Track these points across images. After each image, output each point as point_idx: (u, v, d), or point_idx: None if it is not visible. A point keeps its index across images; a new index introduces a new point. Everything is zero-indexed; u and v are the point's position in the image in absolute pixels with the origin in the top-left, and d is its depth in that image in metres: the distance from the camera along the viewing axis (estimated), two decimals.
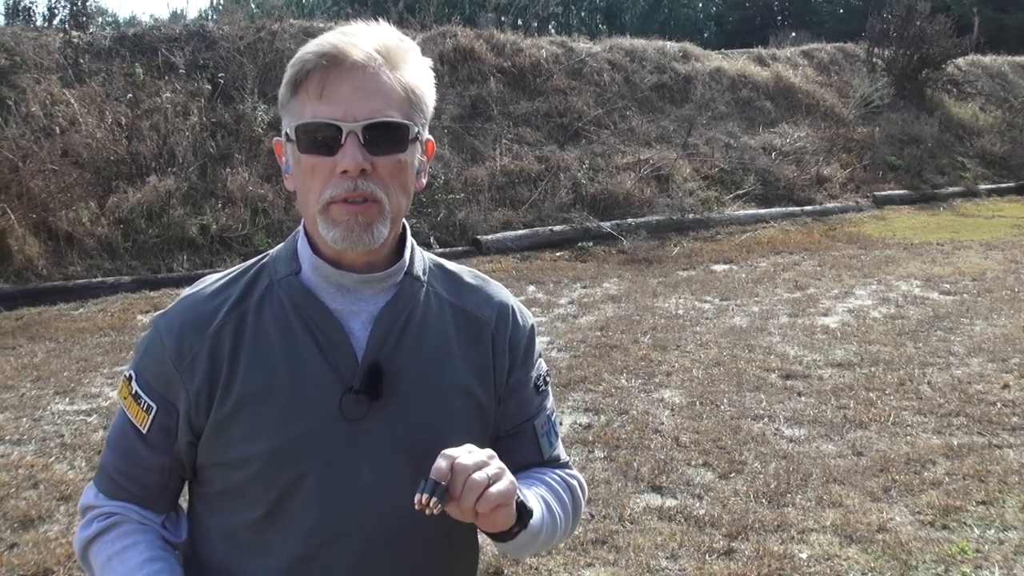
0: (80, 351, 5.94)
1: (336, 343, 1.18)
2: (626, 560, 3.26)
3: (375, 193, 1.12)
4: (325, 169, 1.12)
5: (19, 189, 7.84)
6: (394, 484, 1.16)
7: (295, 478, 1.16)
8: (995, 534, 3.43)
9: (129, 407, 1.21)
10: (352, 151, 1.10)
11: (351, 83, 1.10)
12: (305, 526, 1.17)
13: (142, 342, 1.23)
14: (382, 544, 1.19)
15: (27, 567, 3.23)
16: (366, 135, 1.10)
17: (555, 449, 1.34)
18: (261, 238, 8.67)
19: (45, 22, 11.88)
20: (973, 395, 4.95)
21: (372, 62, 1.11)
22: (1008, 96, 16.35)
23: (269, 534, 1.18)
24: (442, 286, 1.28)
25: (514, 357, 1.29)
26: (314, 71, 1.11)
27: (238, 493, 1.19)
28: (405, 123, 1.13)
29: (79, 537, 1.24)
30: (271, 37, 10.73)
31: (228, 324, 1.18)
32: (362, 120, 1.10)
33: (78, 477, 3.99)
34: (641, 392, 5.09)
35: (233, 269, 1.27)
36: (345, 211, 1.12)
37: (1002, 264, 8.53)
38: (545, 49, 12.71)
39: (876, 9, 16.12)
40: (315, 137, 1.12)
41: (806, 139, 12.85)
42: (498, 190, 10.09)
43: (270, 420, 1.16)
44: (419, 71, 1.17)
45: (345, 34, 1.13)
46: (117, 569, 1.17)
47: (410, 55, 1.16)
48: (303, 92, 1.13)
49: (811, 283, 7.83)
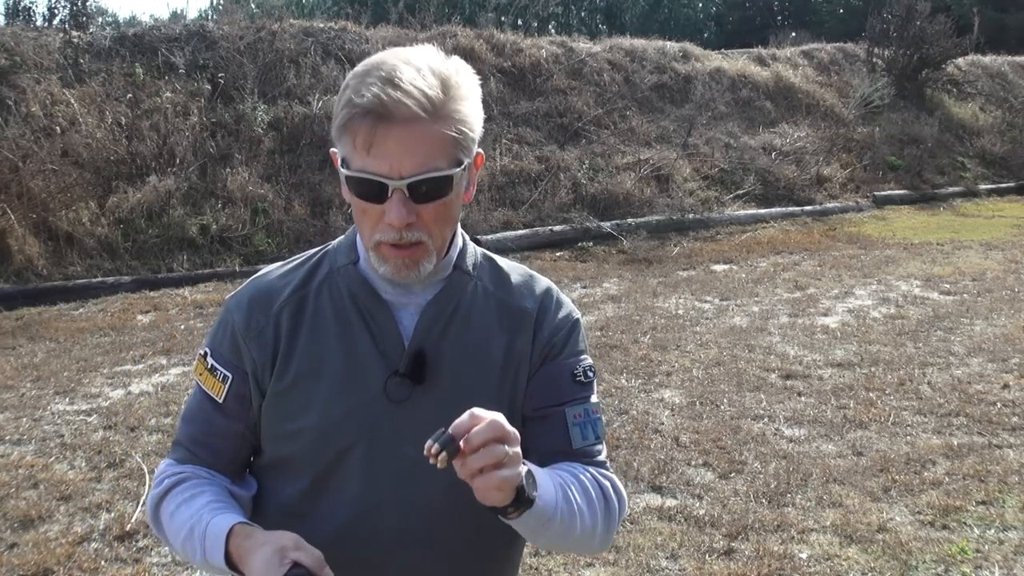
0: (80, 351, 5.94)
1: (386, 330, 1.26)
2: (626, 560, 3.26)
3: (420, 238, 1.19)
4: (375, 214, 1.18)
5: (19, 189, 7.84)
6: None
7: (341, 451, 1.25)
8: (995, 534, 3.43)
9: (205, 381, 1.31)
10: (398, 208, 1.15)
11: (397, 139, 1.13)
12: (349, 497, 1.26)
13: (216, 322, 1.34)
14: (421, 518, 1.26)
15: (27, 567, 3.23)
16: (411, 189, 1.15)
17: (589, 443, 1.33)
18: (261, 238, 8.67)
19: (45, 22, 11.89)
20: (973, 395, 4.95)
21: (419, 115, 1.12)
22: (1008, 96, 16.35)
23: (317, 504, 1.27)
24: (490, 280, 1.34)
25: (552, 344, 1.33)
26: (362, 123, 1.13)
27: (289, 464, 1.28)
28: (449, 174, 1.16)
29: (152, 496, 1.31)
30: (271, 37, 10.73)
31: (290, 304, 1.28)
32: (408, 177, 1.14)
33: (78, 477, 3.99)
34: (641, 392, 5.09)
35: (298, 256, 1.36)
36: (393, 253, 1.19)
37: (1002, 264, 8.53)
38: (545, 49, 12.71)
39: (876, 9, 16.13)
40: (363, 188, 1.17)
41: (806, 139, 12.85)
42: (498, 190, 10.09)
43: (321, 396, 1.25)
44: (467, 104, 1.18)
45: (393, 82, 1.12)
46: (184, 513, 1.23)
47: (460, 90, 1.17)
48: (350, 139, 1.16)
49: (811, 283, 7.83)
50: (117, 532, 3.47)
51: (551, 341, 1.33)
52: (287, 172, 9.47)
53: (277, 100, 10.10)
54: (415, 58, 1.16)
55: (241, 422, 1.30)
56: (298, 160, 9.65)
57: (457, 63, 1.20)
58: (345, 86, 1.17)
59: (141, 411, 4.79)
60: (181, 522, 1.23)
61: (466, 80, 1.19)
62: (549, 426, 1.31)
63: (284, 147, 9.73)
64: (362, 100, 1.12)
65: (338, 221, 8.91)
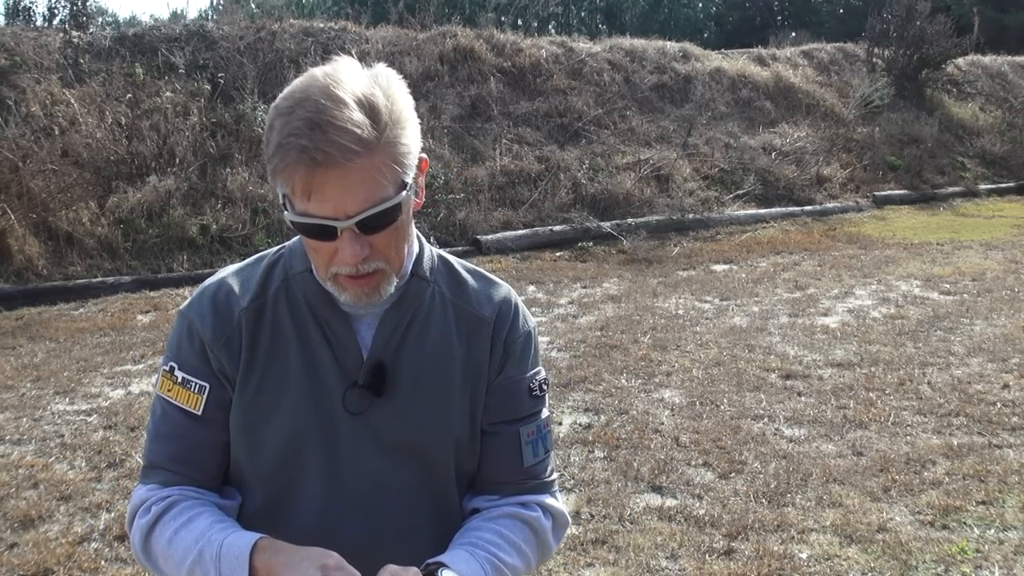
0: (80, 351, 5.94)
1: (344, 341, 1.24)
2: (626, 560, 3.26)
3: (378, 267, 1.17)
4: (327, 250, 1.15)
5: (19, 189, 7.84)
6: (393, 473, 1.25)
7: (302, 464, 1.24)
8: (995, 534, 3.43)
9: (177, 396, 1.25)
10: (351, 246, 1.12)
11: (335, 182, 1.08)
12: (312, 509, 1.24)
13: (174, 336, 1.28)
14: (385, 529, 1.25)
15: (27, 567, 3.23)
16: (360, 225, 1.12)
17: (538, 461, 1.34)
18: (261, 238, 8.66)
19: (45, 22, 11.89)
20: (973, 395, 4.95)
21: (353, 156, 1.07)
22: (1008, 96, 16.35)
23: (280, 516, 1.25)
24: (447, 286, 1.31)
25: (509, 354, 1.31)
26: (295, 171, 1.08)
27: (251, 476, 1.26)
28: (397, 201, 1.13)
29: (138, 526, 1.24)
30: (271, 37, 10.73)
31: (248, 313, 1.25)
32: (355, 216, 1.10)
33: (78, 477, 3.99)
34: (641, 392, 5.09)
35: (249, 260, 1.33)
36: (352, 284, 1.17)
37: (1002, 264, 8.53)
38: (545, 49, 12.71)
39: (876, 9, 16.12)
40: (310, 231, 1.14)
41: (806, 139, 12.84)
42: (498, 190, 10.09)
43: (281, 408, 1.23)
44: (400, 123, 1.12)
45: (321, 127, 1.06)
46: (186, 538, 1.18)
47: (391, 112, 1.11)
48: (288, 184, 1.11)
49: (811, 283, 7.83)
50: (117, 532, 3.47)
51: (508, 351, 1.31)
52: None
53: None
54: (338, 87, 1.08)
55: (223, 431, 1.26)
56: None
57: (380, 76, 1.14)
58: (270, 126, 1.11)
59: (141, 411, 4.78)
60: (186, 547, 1.17)
61: (394, 93, 1.13)
62: (502, 444, 1.31)
63: None
64: (291, 149, 1.07)
65: None
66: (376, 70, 1.15)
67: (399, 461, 1.25)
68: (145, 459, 1.29)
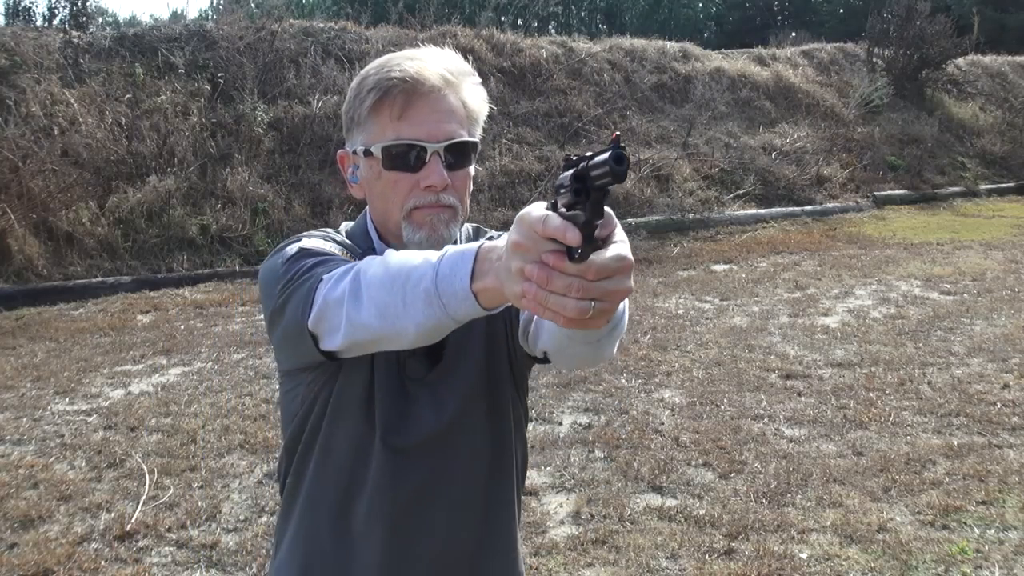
0: (80, 351, 5.94)
1: None
2: (626, 560, 3.26)
3: (453, 202, 1.25)
4: (408, 183, 1.23)
5: (19, 189, 7.84)
6: (460, 424, 1.30)
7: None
8: (995, 534, 3.43)
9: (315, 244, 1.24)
10: (438, 169, 1.22)
11: (430, 106, 1.22)
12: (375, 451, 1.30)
13: (294, 244, 1.24)
14: (450, 483, 1.31)
15: (27, 567, 3.23)
16: (446, 153, 1.23)
17: None
18: (261, 238, 8.66)
19: (45, 22, 11.90)
20: (973, 395, 4.95)
21: (445, 86, 1.24)
22: (1008, 96, 16.35)
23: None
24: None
25: None
26: (395, 97, 1.22)
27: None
28: (475, 141, 1.27)
29: (336, 278, 1.10)
30: (271, 37, 10.72)
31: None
32: (444, 141, 1.23)
33: (78, 477, 3.99)
34: (641, 392, 5.09)
35: (324, 231, 1.33)
36: (428, 212, 1.24)
37: (1002, 264, 8.53)
38: (545, 49, 12.71)
39: (876, 9, 16.13)
40: (399, 156, 1.23)
41: (806, 139, 12.84)
42: (498, 190, 10.09)
43: (356, 368, 1.26)
44: (476, 92, 1.29)
45: (415, 59, 1.24)
46: (405, 256, 1.05)
47: (469, 79, 1.28)
48: (382, 113, 1.23)
49: (811, 283, 7.83)
50: (117, 532, 3.47)
51: None
52: (287, 172, 9.47)
53: (277, 100, 10.10)
54: (426, 49, 1.27)
55: None
56: (298, 160, 9.65)
57: (469, 67, 1.31)
58: (362, 79, 1.25)
59: (141, 411, 4.78)
60: (401, 261, 1.04)
61: (475, 78, 1.30)
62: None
63: (284, 147, 9.73)
64: (391, 78, 1.21)
65: (338, 221, 8.90)
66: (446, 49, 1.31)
67: (459, 411, 1.30)
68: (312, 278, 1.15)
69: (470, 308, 0.98)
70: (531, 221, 0.88)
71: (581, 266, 0.85)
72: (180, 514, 3.63)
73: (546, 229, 0.86)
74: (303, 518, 1.33)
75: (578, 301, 0.86)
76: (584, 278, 0.86)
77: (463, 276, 0.96)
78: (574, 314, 0.86)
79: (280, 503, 1.40)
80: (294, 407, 1.31)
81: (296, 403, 1.31)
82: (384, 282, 1.03)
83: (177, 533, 3.49)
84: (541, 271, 0.87)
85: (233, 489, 3.87)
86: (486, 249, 0.97)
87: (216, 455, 4.21)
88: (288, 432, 1.33)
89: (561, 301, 0.87)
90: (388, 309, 1.02)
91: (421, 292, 0.99)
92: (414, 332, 1.02)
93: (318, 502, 1.31)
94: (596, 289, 0.87)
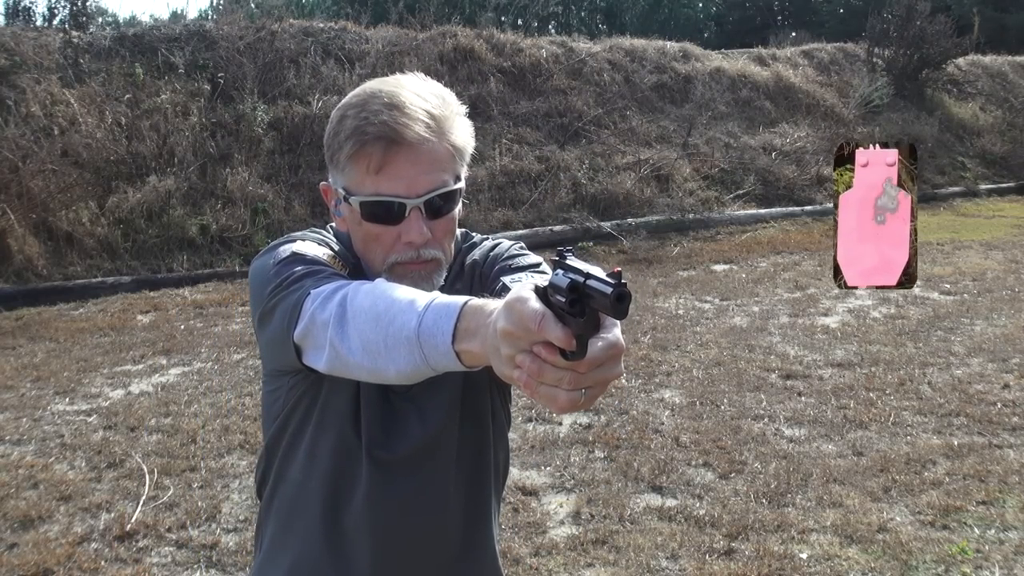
0: (80, 351, 5.94)
1: None
2: (626, 560, 3.26)
3: (435, 255, 1.23)
4: (389, 237, 1.21)
5: (19, 189, 7.84)
6: (445, 435, 1.29)
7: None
8: (995, 534, 3.43)
9: (310, 251, 1.24)
10: (417, 225, 1.19)
11: (409, 160, 1.18)
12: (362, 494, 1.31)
13: (288, 244, 1.27)
14: (426, 513, 1.32)
15: (27, 567, 3.23)
16: (426, 206, 1.20)
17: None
18: (261, 238, 8.66)
19: (45, 22, 11.89)
20: (973, 395, 4.95)
21: (426, 133, 1.18)
22: (1008, 96, 16.34)
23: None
24: (467, 255, 1.38)
25: (491, 265, 1.32)
26: (373, 149, 1.17)
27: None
28: (457, 188, 1.23)
29: (326, 295, 1.10)
30: (271, 37, 10.72)
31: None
32: (424, 195, 1.19)
33: (78, 477, 3.99)
34: (641, 392, 5.09)
35: (317, 233, 1.34)
36: (410, 269, 1.22)
37: (1002, 264, 8.53)
38: (545, 49, 12.70)
39: (876, 9, 16.12)
40: (378, 211, 1.20)
41: (806, 139, 12.84)
42: (498, 190, 10.09)
43: (342, 380, 1.21)
44: (462, 129, 1.24)
45: (395, 102, 1.17)
46: (395, 290, 1.06)
47: (455, 118, 1.23)
48: (360, 164, 1.19)
49: (811, 283, 7.83)
50: (117, 532, 3.47)
51: (488, 265, 1.33)
52: (287, 172, 9.47)
53: (277, 100, 10.10)
54: (408, 84, 1.22)
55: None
56: (298, 160, 9.65)
57: (435, 83, 1.26)
58: (341, 118, 1.20)
59: (141, 411, 4.78)
60: (393, 296, 1.04)
61: (460, 113, 1.25)
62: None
63: (284, 147, 9.73)
64: (371, 126, 1.16)
65: None
66: (428, 80, 1.26)
67: (454, 402, 1.30)
68: (296, 290, 1.15)
69: (451, 364, 0.99)
70: (525, 316, 0.86)
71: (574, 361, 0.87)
72: (180, 514, 3.63)
73: (542, 332, 0.85)
74: (288, 520, 1.33)
75: (569, 392, 0.87)
76: (576, 371, 0.87)
77: (445, 333, 0.97)
78: (565, 404, 0.88)
79: (260, 501, 1.40)
80: (276, 408, 1.32)
81: (278, 405, 1.31)
82: (370, 317, 1.04)
83: (177, 533, 3.49)
84: (533, 363, 0.87)
85: (233, 489, 3.87)
86: (472, 309, 0.97)
87: (216, 455, 4.21)
88: (270, 432, 1.34)
89: (552, 392, 0.87)
90: (371, 346, 1.04)
91: (403, 339, 1.00)
92: (395, 374, 1.04)
93: (302, 507, 1.31)
94: (587, 379, 0.87)
